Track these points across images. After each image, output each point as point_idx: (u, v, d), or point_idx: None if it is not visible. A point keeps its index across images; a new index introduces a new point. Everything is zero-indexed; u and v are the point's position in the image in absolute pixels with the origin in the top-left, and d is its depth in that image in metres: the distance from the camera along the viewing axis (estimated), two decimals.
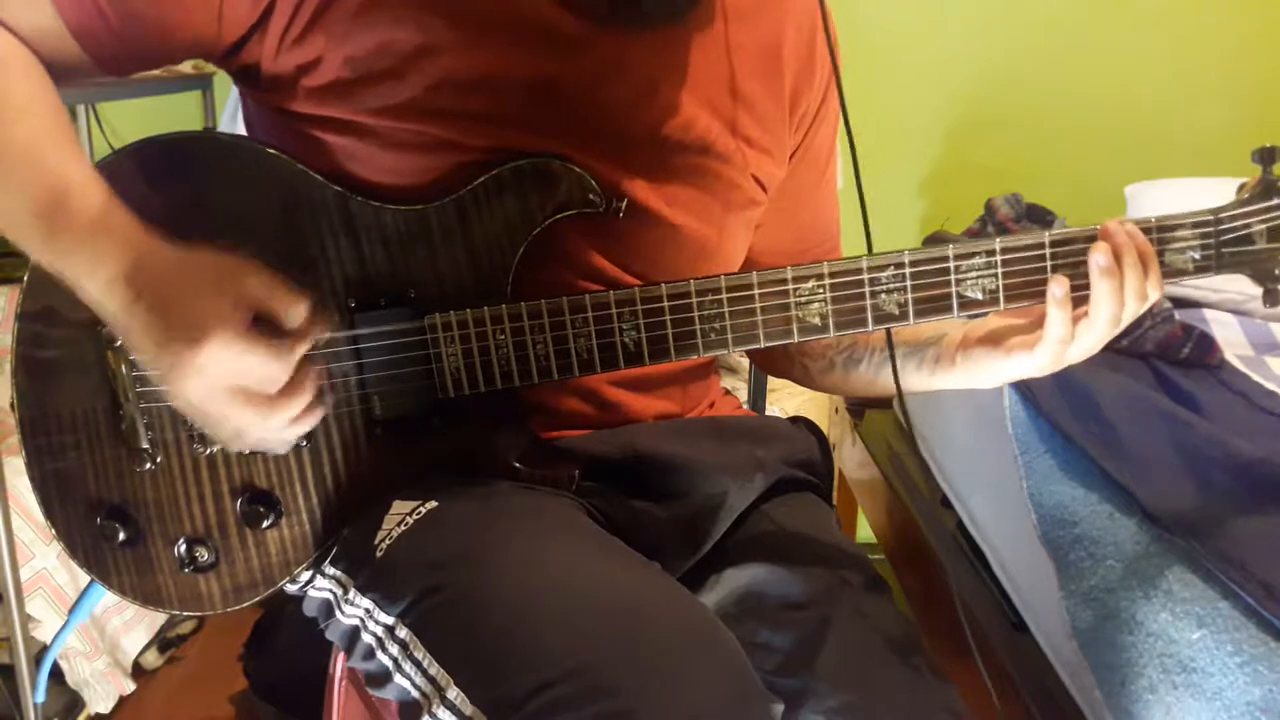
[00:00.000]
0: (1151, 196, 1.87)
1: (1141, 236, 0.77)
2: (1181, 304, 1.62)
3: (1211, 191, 0.87)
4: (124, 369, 0.81)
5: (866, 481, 1.94)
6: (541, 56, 0.80)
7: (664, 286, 0.79)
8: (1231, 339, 1.51)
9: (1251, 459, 1.04)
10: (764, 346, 0.81)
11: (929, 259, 0.78)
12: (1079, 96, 2.21)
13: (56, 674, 1.67)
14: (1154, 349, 1.38)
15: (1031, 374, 0.82)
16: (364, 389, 0.81)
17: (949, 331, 0.88)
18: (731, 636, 0.72)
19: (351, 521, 0.83)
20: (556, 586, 0.71)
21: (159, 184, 0.79)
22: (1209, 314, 1.61)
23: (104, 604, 1.74)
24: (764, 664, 0.78)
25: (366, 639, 0.75)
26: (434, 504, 0.79)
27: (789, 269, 0.79)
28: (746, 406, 1.29)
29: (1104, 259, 0.76)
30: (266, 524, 0.83)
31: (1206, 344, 1.37)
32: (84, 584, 1.66)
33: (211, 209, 0.80)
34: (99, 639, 1.73)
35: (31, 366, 0.83)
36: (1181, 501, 1.03)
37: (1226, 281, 1.61)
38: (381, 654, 0.74)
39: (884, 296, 0.79)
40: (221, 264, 0.72)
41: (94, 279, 0.71)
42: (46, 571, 1.62)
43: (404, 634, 0.73)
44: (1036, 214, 2.05)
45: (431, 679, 0.69)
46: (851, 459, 2.04)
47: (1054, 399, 1.26)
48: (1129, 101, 2.21)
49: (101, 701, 1.73)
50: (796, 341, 0.81)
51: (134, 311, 0.70)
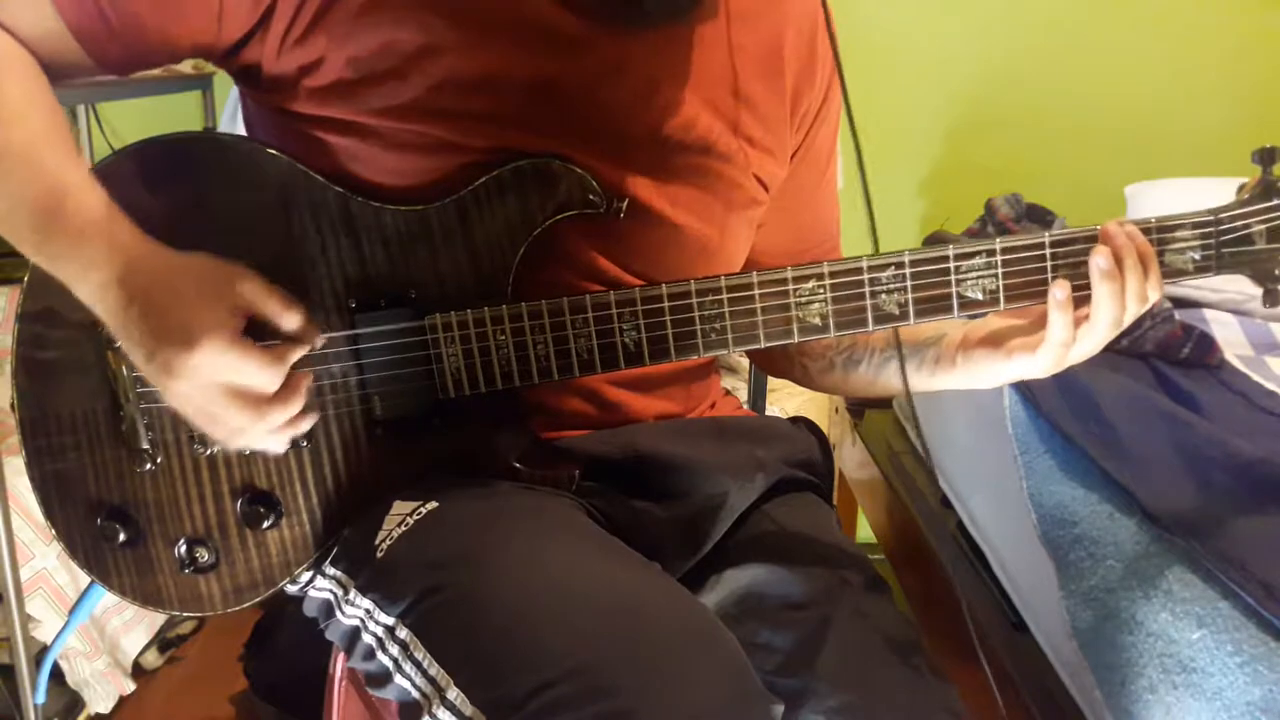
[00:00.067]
0: (1151, 196, 1.87)
1: (1141, 238, 0.77)
2: (1181, 304, 1.62)
3: (1211, 191, 0.87)
4: (124, 370, 0.81)
5: (866, 481, 1.94)
6: (543, 56, 0.80)
7: (664, 287, 0.79)
8: (1231, 339, 1.51)
9: (1251, 459, 1.04)
10: (764, 347, 0.81)
11: (929, 259, 0.78)
12: (1079, 96, 2.21)
13: (56, 674, 1.66)
14: (1154, 349, 1.38)
15: (1033, 375, 0.81)
16: (364, 389, 0.81)
17: (949, 332, 0.88)
18: (732, 637, 0.72)
19: (352, 522, 0.83)
20: (557, 587, 0.71)
21: (159, 185, 0.80)
22: (1209, 314, 1.61)
23: (104, 604, 1.73)
24: (764, 664, 0.78)
25: (367, 639, 0.75)
26: (434, 504, 0.79)
27: (789, 269, 0.79)
28: (746, 406, 1.29)
29: (1105, 262, 0.75)
30: (267, 524, 0.83)
31: (1206, 344, 1.37)
32: (84, 584, 1.66)
33: (212, 210, 0.80)
34: (99, 639, 1.73)
35: (32, 367, 0.83)
36: (1181, 501, 1.03)
37: (1226, 281, 1.61)
38: (382, 654, 0.74)
39: (884, 296, 0.79)
40: (216, 269, 0.73)
41: (87, 282, 0.72)
42: (46, 571, 1.62)
43: (404, 634, 0.72)
44: (1036, 214, 2.05)
45: (432, 679, 0.69)
46: (851, 459, 2.04)
47: (1054, 399, 1.26)
48: (1129, 101, 2.21)
49: (101, 701, 1.73)
50: (797, 342, 0.81)
51: (127, 315, 0.71)
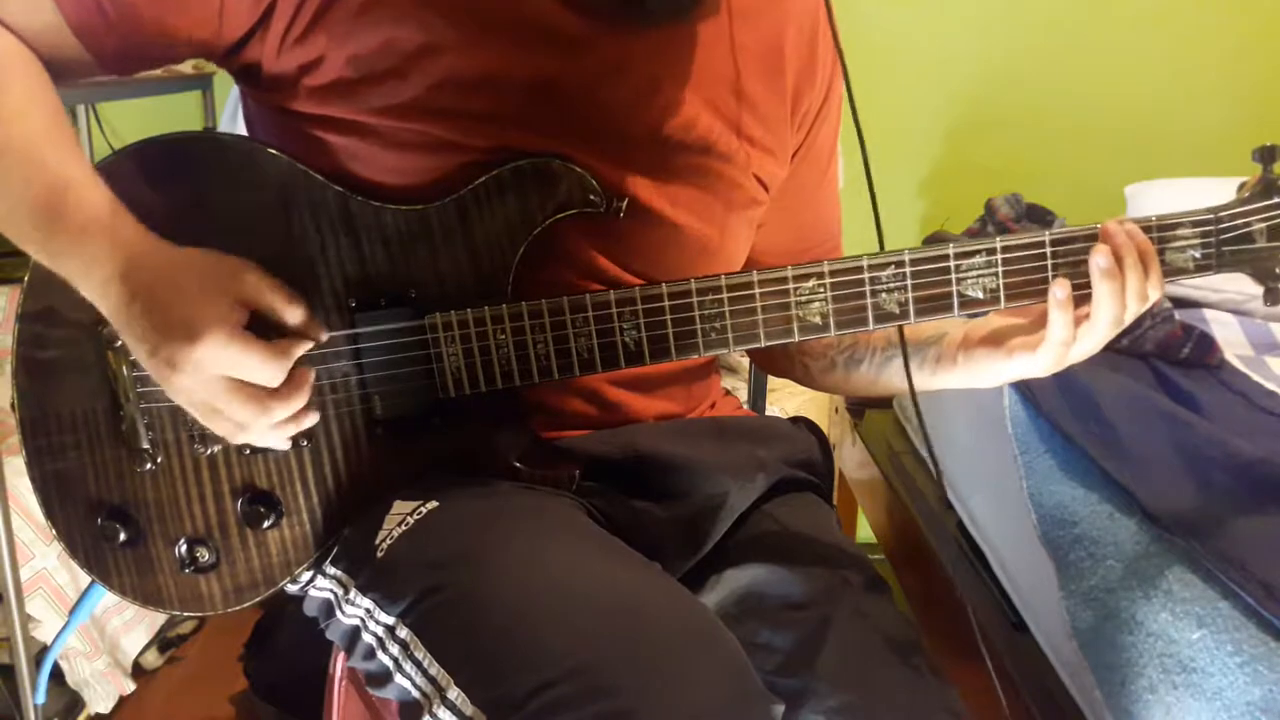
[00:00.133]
0: (1151, 196, 1.87)
1: (1142, 236, 0.77)
2: (1181, 304, 1.62)
3: (1211, 191, 0.87)
4: (125, 369, 0.81)
5: (866, 481, 1.94)
6: (543, 56, 0.80)
7: (664, 286, 0.79)
8: (1231, 339, 1.51)
9: (1251, 459, 1.04)
10: (765, 346, 0.81)
11: (929, 258, 0.78)
12: (1079, 96, 2.21)
13: (56, 674, 1.66)
14: (1154, 349, 1.38)
15: (1033, 374, 0.81)
16: (364, 389, 0.81)
17: (949, 331, 0.88)
18: (732, 637, 0.72)
19: (352, 521, 0.83)
20: (557, 586, 0.71)
21: (160, 184, 0.80)
22: (1209, 314, 1.61)
23: (104, 604, 1.73)
24: (764, 664, 0.78)
25: (367, 639, 0.75)
26: (434, 504, 0.79)
27: (789, 268, 0.79)
28: (746, 406, 1.29)
29: (1105, 261, 0.75)
30: (267, 524, 0.83)
31: (1206, 344, 1.37)
32: (84, 584, 1.66)
33: (212, 209, 0.80)
34: (99, 639, 1.73)
35: (32, 367, 0.83)
36: (1181, 501, 1.03)
37: (1226, 281, 1.61)
38: (382, 654, 0.73)
39: (885, 295, 0.79)
40: (218, 263, 0.73)
41: (90, 278, 0.72)
42: (46, 571, 1.62)
43: (404, 634, 0.72)
44: (1036, 214, 2.05)
45: (432, 679, 0.69)
46: (851, 459, 2.04)
47: (1054, 399, 1.26)
48: (1129, 101, 2.21)
49: (101, 701, 1.73)
50: (797, 341, 0.81)
51: (130, 311, 0.71)
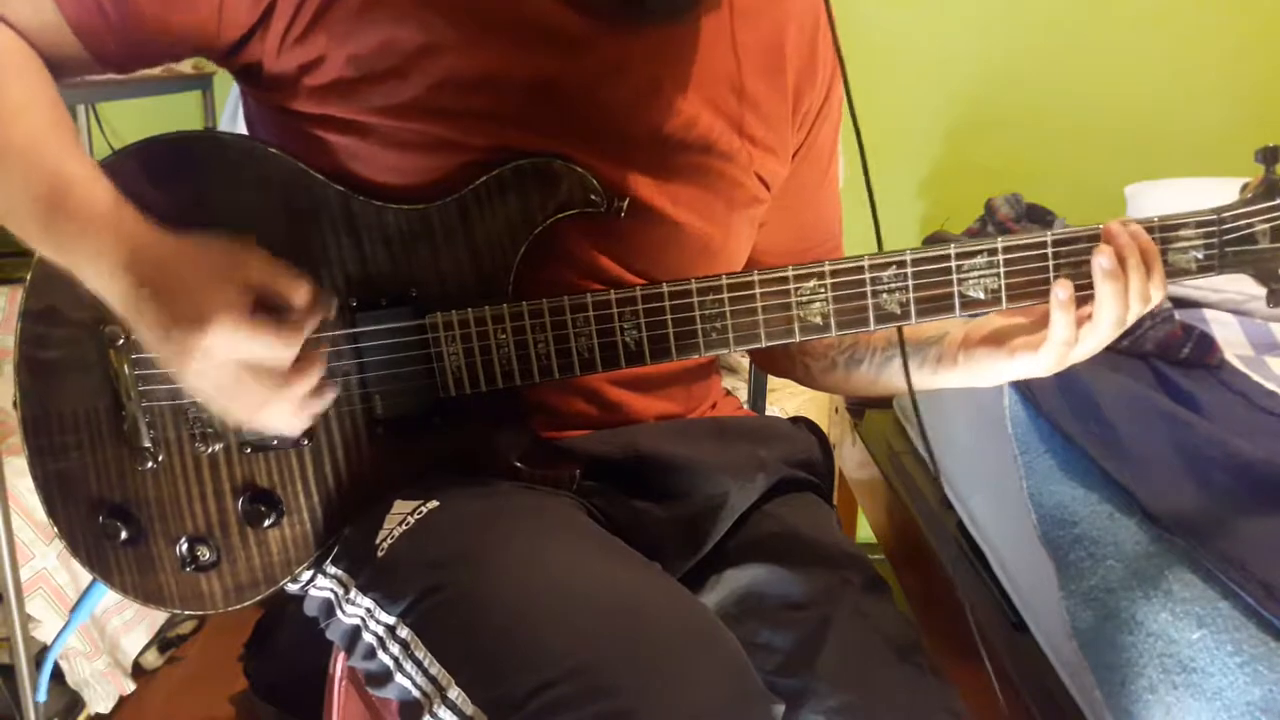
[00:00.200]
0: (1151, 196, 1.88)
1: (1145, 237, 0.77)
2: (1181, 304, 1.62)
3: (1212, 191, 0.87)
4: (126, 368, 0.81)
5: (866, 481, 1.94)
6: (543, 56, 0.80)
7: (665, 286, 0.79)
8: (1231, 339, 1.51)
9: (1251, 459, 1.04)
10: (765, 346, 0.81)
11: (931, 258, 0.78)
12: (1079, 96, 2.21)
13: (57, 674, 1.66)
14: (1154, 349, 1.38)
15: (1035, 374, 0.82)
16: (365, 388, 0.81)
17: (950, 330, 0.88)
18: (732, 637, 0.72)
19: (353, 521, 0.83)
20: (557, 586, 0.71)
21: (161, 183, 0.79)
22: (1209, 314, 1.61)
23: (104, 604, 1.73)
24: (764, 664, 0.78)
25: (367, 638, 0.75)
26: (435, 503, 0.79)
27: (790, 268, 0.79)
28: (746, 406, 1.29)
29: (1108, 262, 0.75)
30: (268, 523, 0.83)
31: (1206, 344, 1.38)
32: (84, 584, 1.66)
33: (213, 208, 0.80)
34: (99, 639, 1.73)
35: (34, 365, 0.83)
36: (1181, 501, 1.03)
37: (1226, 281, 1.61)
38: (382, 653, 0.73)
39: (886, 296, 0.79)
40: (222, 249, 0.72)
41: (96, 271, 0.72)
42: (47, 571, 1.62)
43: (405, 633, 0.72)
44: (1036, 214, 2.05)
45: (432, 679, 0.69)
46: (851, 459, 2.04)
47: (1054, 399, 1.26)
48: (1129, 101, 2.21)
49: (101, 701, 1.73)
50: (798, 341, 0.81)
51: (137, 301, 0.71)
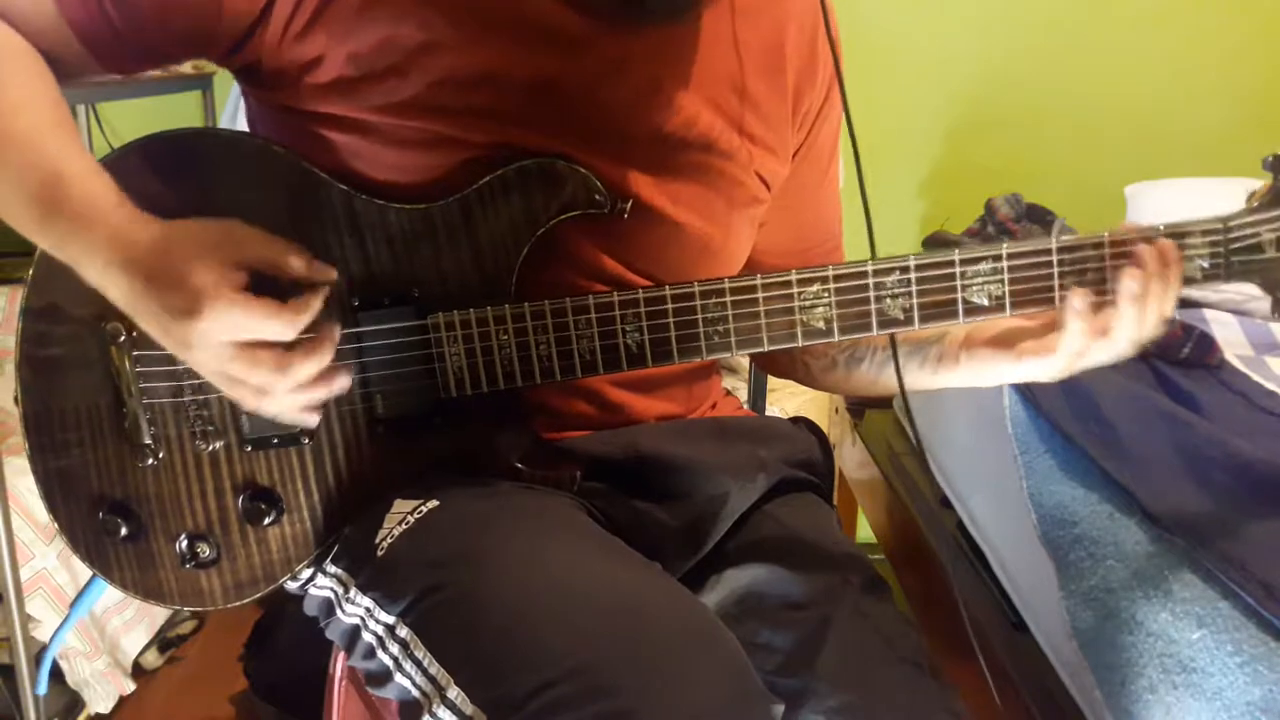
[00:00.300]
0: (1152, 196, 1.87)
1: (1172, 254, 0.77)
2: (1182, 304, 1.62)
3: (1212, 191, 0.87)
4: (127, 365, 0.81)
5: (866, 481, 1.94)
6: (543, 55, 0.80)
7: (668, 288, 0.79)
8: (1231, 339, 1.51)
9: (1251, 459, 1.04)
10: (767, 350, 0.81)
11: (935, 264, 0.78)
12: (1079, 96, 2.21)
13: (56, 674, 1.66)
14: (1154, 349, 1.38)
15: (1041, 379, 0.82)
16: (366, 388, 0.81)
17: (952, 330, 0.88)
18: (732, 637, 0.72)
19: (353, 520, 0.83)
20: (557, 586, 0.71)
21: (163, 180, 0.80)
22: (1209, 314, 1.61)
23: (104, 604, 1.73)
24: (764, 664, 0.78)
25: (367, 638, 0.75)
26: (435, 503, 0.79)
27: (793, 272, 0.79)
28: (746, 406, 1.29)
29: (1137, 287, 0.75)
30: (268, 521, 0.83)
31: (1206, 344, 1.37)
32: (84, 584, 1.66)
33: (215, 206, 0.80)
34: (99, 639, 1.73)
35: (36, 362, 0.83)
36: (1181, 501, 1.03)
37: None
38: (382, 653, 0.74)
39: (889, 301, 0.79)
40: (205, 228, 0.72)
41: (92, 267, 0.72)
42: (46, 571, 1.62)
43: (404, 633, 0.72)
44: (1036, 214, 2.05)
45: (432, 678, 0.69)
46: (851, 459, 2.04)
47: (1054, 399, 1.26)
48: (1129, 101, 2.21)
49: (101, 701, 1.73)
50: (800, 345, 0.81)
51: (135, 295, 0.71)
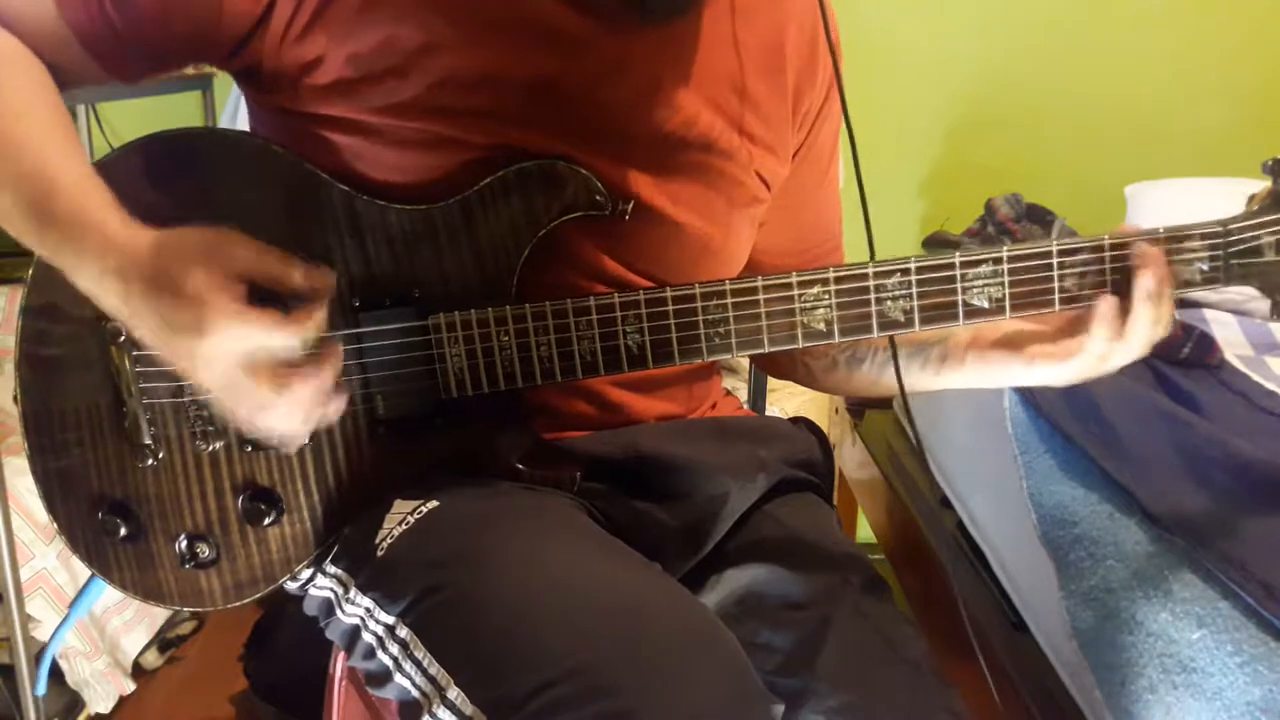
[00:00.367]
0: (1152, 196, 1.87)
1: (1163, 261, 0.78)
2: (1182, 304, 1.62)
3: (1212, 191, 0.87)
4: (127, 365, 0.81)
5: (866, 481, 1.94)
6: (543, 55, 0.80)
7: (669, 290, 0.79)
8: (1231, 339, 1.51)
9: (1251, 459, 1.04)
10: (768, 351, 0.81)
11: (935, 266, 0.78)
12: (1079, 96, 2.21)
13: (56, 674, 1.66)
14: (1154, 349, 1.38)
15: (1053, 383, 0.82)
16: (367, 388, 0.81)
17: (955, 331, 0.88)
18: (732, 637, 0.72)
19: (353, 520, 0.83)
20: (557, 586, 0.71)
21: (163, 180, 0.80)
22: (1209, 314, 1.61)
23: (104, 604, 1.73)
24: (764, 664, 0.78)
25: (367, 638, 0.75)
26: (435, 503, 0.79)
27: (794, 274, 0.79)
28: (746, 406, 1.29)
29: (1154, 285, 0.76)
30: (268, 521, 0.83)
31: (1206, 344, 1.37)
32: (83, 584, 1.66)
33: (216, 206, 0.80)
34: (99, 639, 1.73)
35: (35, 362, 0.83)
36: (1181, 501, 1.03)
37: None
38: (382, 653, 0.74)
39: (890, 303, 0.79)
40: (201, 239, 0.70)
41: (84, 274, 0.71)
42: (46, 571, 1.62)
43: (404, 633, 0.73)
44: (1036, 214, 2.05)
45: (432, 678, 0.69)
46: (851, 459, 2.04)
47: (1054, 399, 1.26)
48: (1129, 101, 2.21)
49: (101, 701, 1.73)
50: (801, 347, 0.81)
51: (130, 306, 0.70)
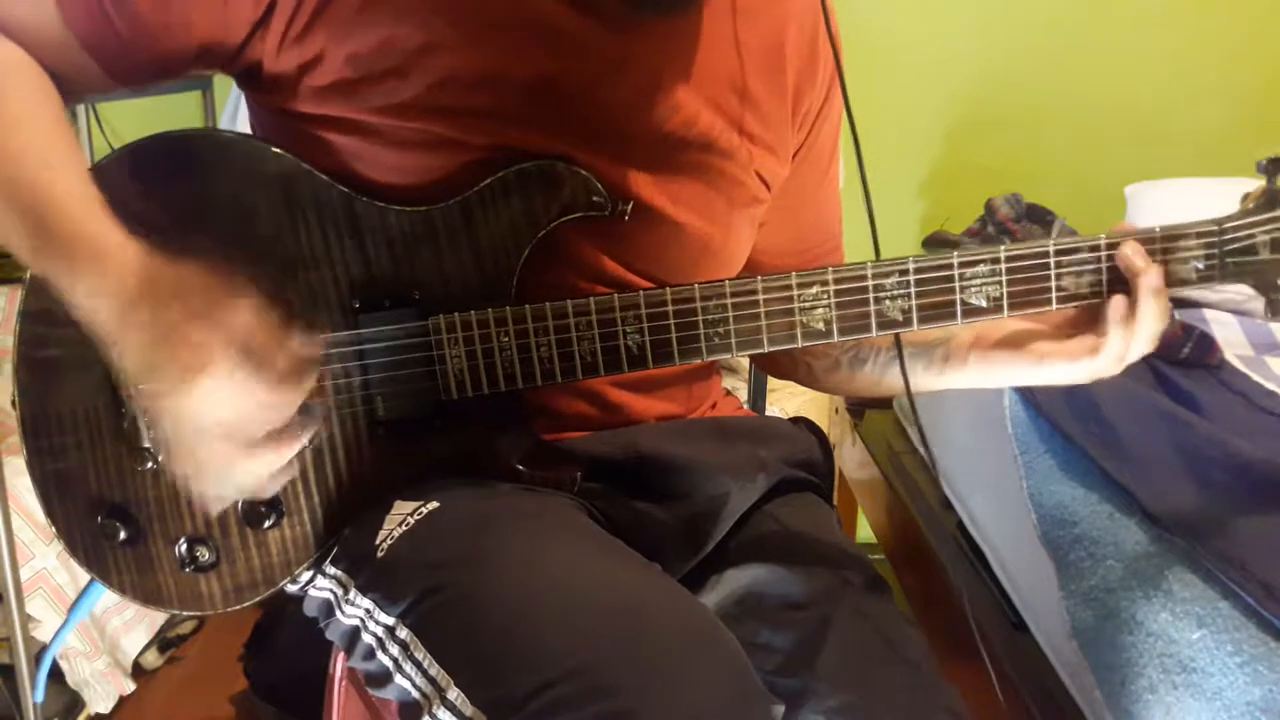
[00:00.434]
0: (1152, 196, 1.87)
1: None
2: (1181, 304, 1.62)
3: (1212, 191, 0.87)
4: None
5: (866, 481, 1.94)
6: (543, 55, 0.80)
7: (668, 290, 0.79)
8: (1231, 339, 1.51)
9: (1251, 459, 1.04)
10: (768, 351, 0.81)
11: (933, 266, 0.79)
12: (1079, 96, 2.21)
13: (56, 674, 1.66)
14: (1154, 349, 1.38)
15: (1069, 382, 0.82)
16: (367, 390, 0.81)
17: (957, 331, 0.88)
18: (732, 637, 0.72)
19: (353, 521, 0.83)
20: (557, 586, 0.71)
21: (162, 182, 0.79)
22: (1209, 314, 1.60)
23: (104, 604, 1.73)
24: (764, 664, 0.78)
25: (367, 639, 0.75)
26: (435, 504, 0.79)
27: (794, 274, 0.79)
28: (746, 406, 1.29)
29: (1156, 280, 0.77)
30: (267, 524, 0.83)
31: (1206, 344, 1.37)
32: (84, 584, 1.66)
33: (215, 207, 0.80)
34: (99, 639, 1.73)
35: (33, 364, 0.83)
36: (1181, 501, 1.03)
37: None
38: (382, 654, 0.73)
39: (888, 302, 0.79)
40: (209, 292, 0.67)
41: (74, 293, 0.69)
42: (46, 571, 1.62)
43: (404, 634, 0.72)
44: (1036, 214, 2.05)
45: (432, 679, 0.69)
46: (851, 459, 2.04)
47: (1054, 399, 1.26)
48: (1129, 101, 2.21)
49: (101, 701, 1.73)
50: (800, 346, 0.81)
51: (120, 332, 0.68)
